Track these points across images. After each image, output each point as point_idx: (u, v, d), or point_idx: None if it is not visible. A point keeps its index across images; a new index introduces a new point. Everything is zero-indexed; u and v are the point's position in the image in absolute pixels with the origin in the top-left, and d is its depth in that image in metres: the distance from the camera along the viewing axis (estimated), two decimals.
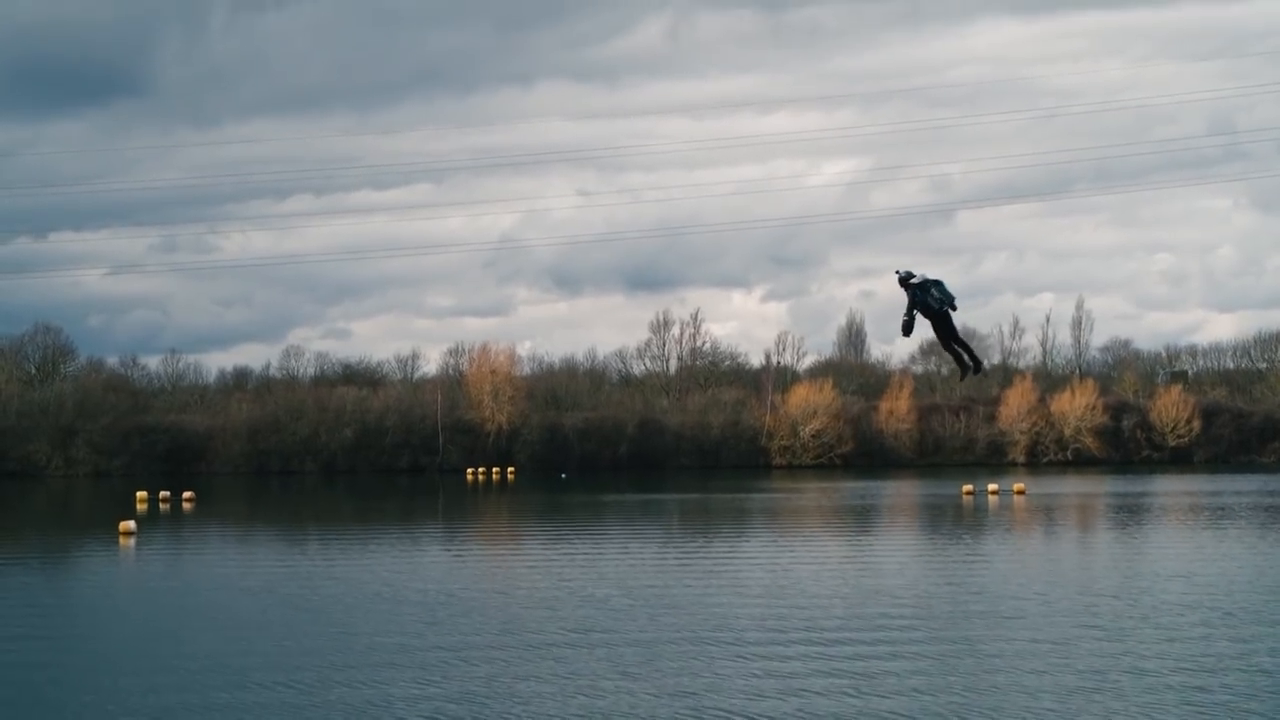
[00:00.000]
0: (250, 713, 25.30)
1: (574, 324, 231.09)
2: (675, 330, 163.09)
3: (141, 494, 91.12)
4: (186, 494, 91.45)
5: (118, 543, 61.33)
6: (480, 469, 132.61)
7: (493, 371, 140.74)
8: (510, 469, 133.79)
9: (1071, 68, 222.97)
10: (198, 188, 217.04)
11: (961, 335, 17.81)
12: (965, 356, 17.58)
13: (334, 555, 56.75)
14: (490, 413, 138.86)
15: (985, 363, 18.87)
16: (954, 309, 16.80)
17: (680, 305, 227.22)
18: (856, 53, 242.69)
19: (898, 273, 16.58)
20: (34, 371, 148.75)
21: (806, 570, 47.57)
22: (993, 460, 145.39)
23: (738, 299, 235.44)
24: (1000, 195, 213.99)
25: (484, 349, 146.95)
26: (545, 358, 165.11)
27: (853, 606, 37.73)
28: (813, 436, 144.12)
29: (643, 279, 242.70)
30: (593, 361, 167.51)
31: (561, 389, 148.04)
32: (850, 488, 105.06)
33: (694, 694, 26.23)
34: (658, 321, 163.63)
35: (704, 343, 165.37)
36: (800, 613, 36.61)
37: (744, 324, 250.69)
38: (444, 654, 30.81)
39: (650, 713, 24.73)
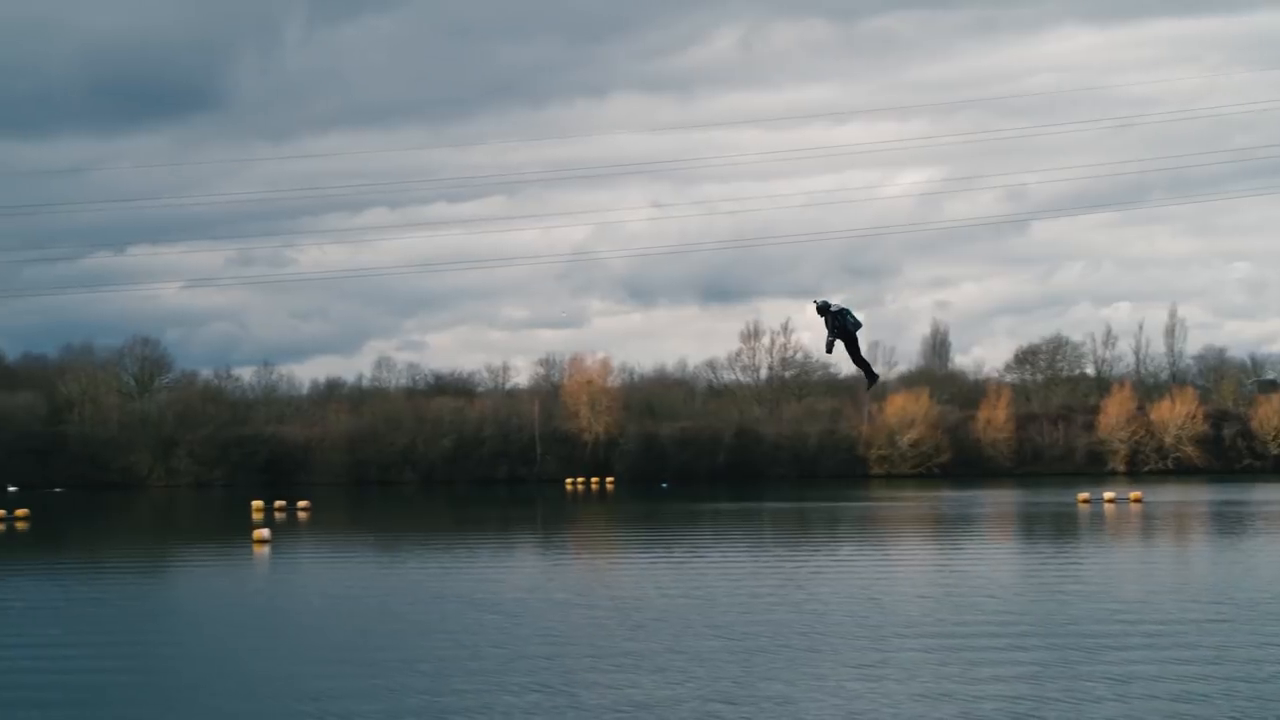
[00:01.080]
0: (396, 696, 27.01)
1: (648, 335, 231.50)
2: (765, 340, 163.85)
3: (257, 503, 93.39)
4: (302, 503, 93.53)
5: (252, 550, 63.25)
6: (579, 479, 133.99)
7: (589, 382, 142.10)
8: (609, 479, 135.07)
9: (1146, 76, 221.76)
10: (273, 202, 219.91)
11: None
12: (868, 370, 20.76)
13: (459, 562, 58.45)
14: (587, 423, 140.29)
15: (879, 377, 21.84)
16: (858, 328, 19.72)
17: (754, 315, 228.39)
18: (930, 62, 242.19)
19: (815, 302, 19.67)
20: (133, 383, 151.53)
21: (955, 575, 48.60)
22: (1092, 469, 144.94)
23: (811, 309, 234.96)
24: (1075, 205, 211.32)
25: (578, 360, 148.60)
26: (636, 368, 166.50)
27: (1012, 611, 38.65)
28: (911, 446, 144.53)
29: (716, 290, 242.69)
30: (683, 371, 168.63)
31: (655, 399, 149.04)
32: (960, 496, 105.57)
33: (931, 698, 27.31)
34: (748, 331, 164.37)
35: (794, 352, 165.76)
36: (964, 616, 37.68)
37: (817, 334, 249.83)
38: (587, 660, 32.09)
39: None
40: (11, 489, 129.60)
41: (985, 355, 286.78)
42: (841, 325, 19.56)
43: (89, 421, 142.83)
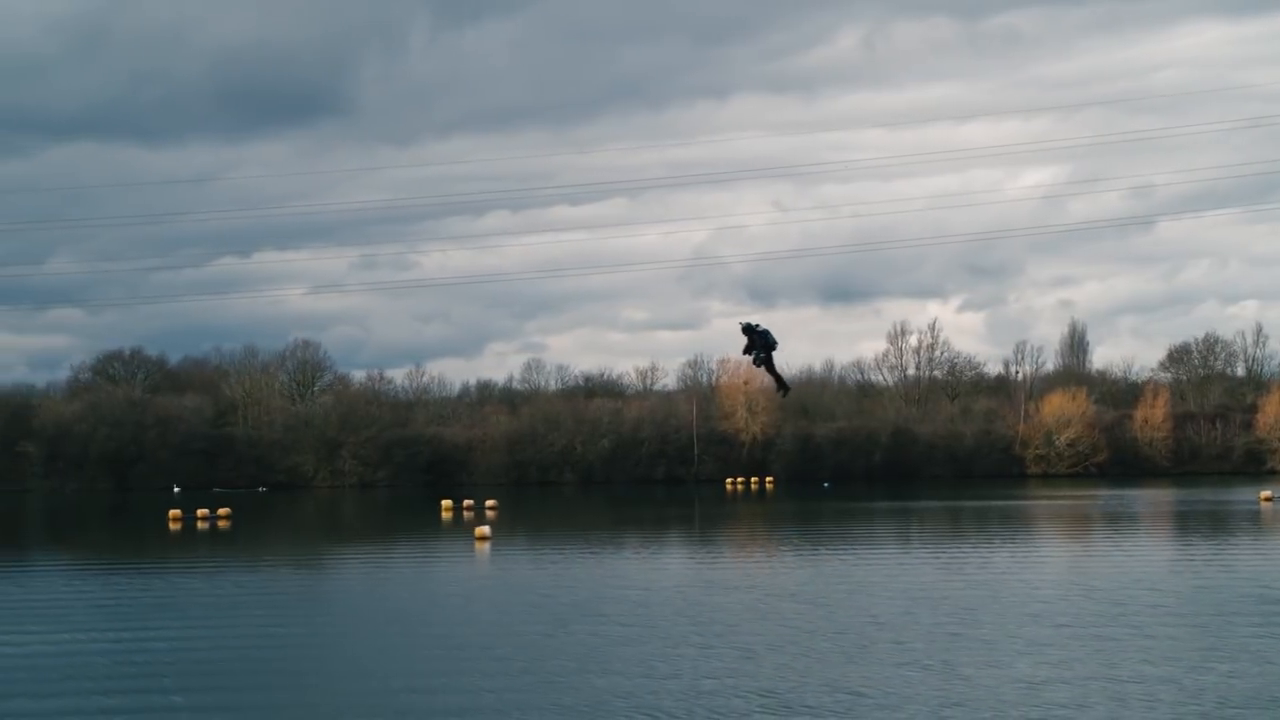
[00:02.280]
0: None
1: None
2: (913, 339, 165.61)
3: (446, 503, 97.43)
4: (490, 502, 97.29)
5: (474, 547, 66.76)
6: (738, 479, 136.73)
7: (745, 383, 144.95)
8: (769, 479, 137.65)
9: (1277, 72, 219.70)
10: (397, 206, 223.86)
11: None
12: (780, 381, 24.42)
13: (651, 557, 61.96)
14: (744, 423, 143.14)
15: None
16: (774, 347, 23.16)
17: (875, 316, 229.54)
18: (1055, 60, 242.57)
19: (741, 323, 23.05)
20: (294, 386, 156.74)
21: (1142, 572, 50.28)
22: (1250, 468, 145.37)
23: (933, 309, 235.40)
24: (1202, 203, 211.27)
25: (735, 360, 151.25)
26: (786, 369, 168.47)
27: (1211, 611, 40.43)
28: (1068, 445, 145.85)
29: (838, 290, 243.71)
30: (830, 372, 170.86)
31: (809, 400, 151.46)
32: (1126, 495, 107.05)
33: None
34: (895, 331, 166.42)
35: (941, 352, 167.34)
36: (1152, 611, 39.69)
37: (963, 335, 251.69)
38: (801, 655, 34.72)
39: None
40: (176, 489, 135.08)
41: (1110, 354, 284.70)
42: (764, 342, 22.87)
43: (256, 424, 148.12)
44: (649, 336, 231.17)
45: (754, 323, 23.19)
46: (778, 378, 24.32)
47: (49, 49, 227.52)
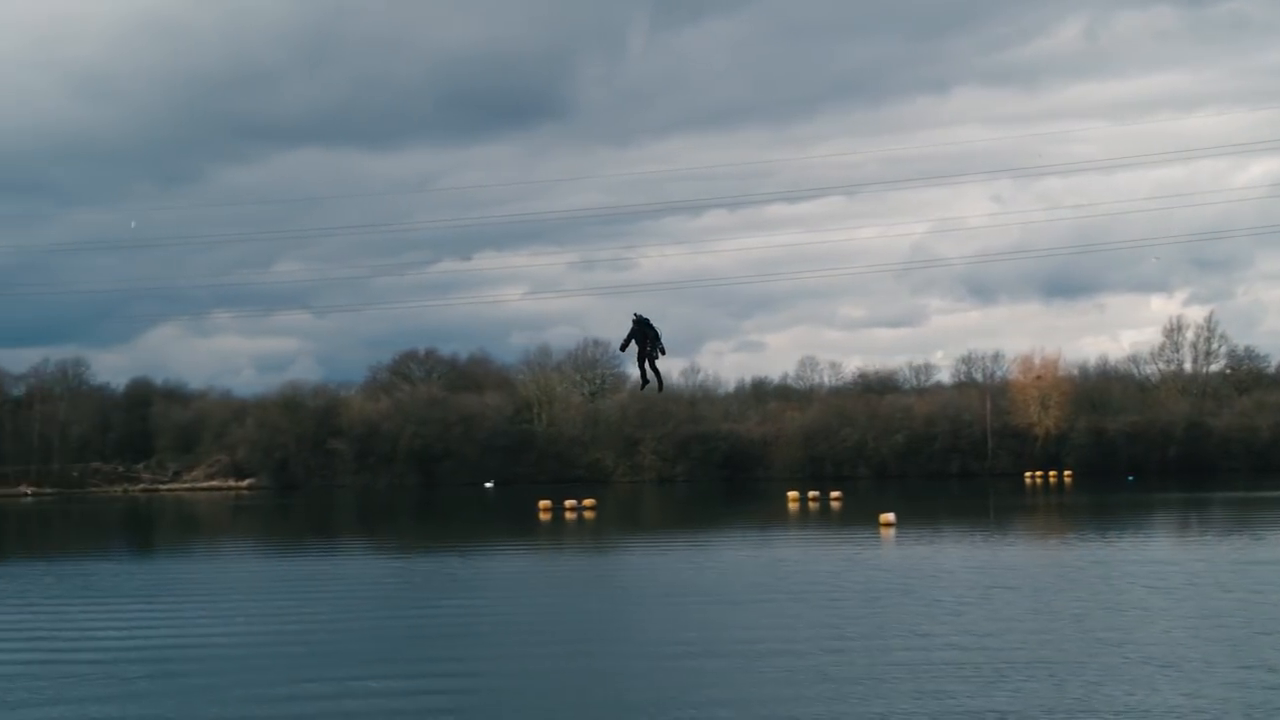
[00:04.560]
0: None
1: (987, 333, 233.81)
2: (1189, 334, 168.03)
3: (792, 494, 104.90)
4: (834, 494, 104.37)
5: (879, 533, 73.65)
6: (1036, 473, 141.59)
7: (1038, 378, 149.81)
8: (1067, 472, 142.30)
9: None
10: (615, 206, 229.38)
11: None
12: (655, 376, 23.95)
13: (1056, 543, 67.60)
14: (1037, 418, 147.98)
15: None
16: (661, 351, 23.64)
17: (1098, 311, 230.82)
18: None
19: (636, 314, 23.46)
20: (587, 383, 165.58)
21: None
22: None
23: (1156, 304, 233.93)
24: None
25: (1027, 357, 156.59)
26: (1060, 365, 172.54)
27: None
28: None
29: (1059, 285, 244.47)
30: (1104, 366, 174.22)
31: (1096, 394, 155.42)
32: None
33: None
34: (1171, 325, 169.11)
35: (1219, 345, 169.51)
36: None
37: (1163, 329, 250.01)
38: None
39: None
40: (488, 485, 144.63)
41: None
42: (655, 337, 23.33)
43: (556, 421, 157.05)
44: (866, 334, 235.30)
45: (647, 318, 23.55)
46: (644, 372, 23.80)
47: (277, 59, 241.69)
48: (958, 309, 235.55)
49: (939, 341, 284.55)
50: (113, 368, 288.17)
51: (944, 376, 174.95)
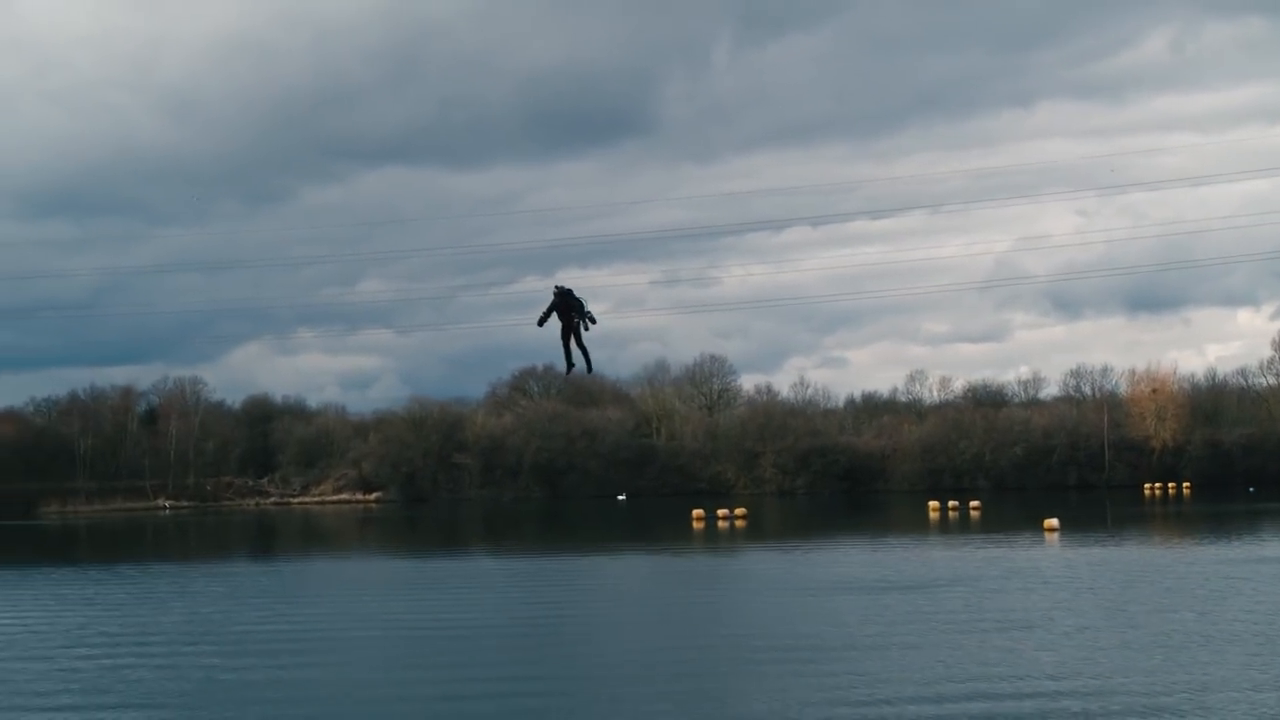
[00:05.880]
0: None
1: (1071, 348, 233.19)
2: None
3: (933, 503, 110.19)
4: (974, 503, 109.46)
5: (1044, 536, 78.93)
6: (1155, 485, 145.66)
7: (1154, 390, 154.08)
8: (1185, 484, 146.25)
9: None
10: (698, 222, 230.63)
11: None
12: (584, 356, 22.97)
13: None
14: (1154, 430, 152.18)
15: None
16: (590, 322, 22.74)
17: (1184, 325, 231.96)
18: None
19: (557, 286, 22.43)
20: (705, 398, 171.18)
21: None
22: None
23: (1244, 317, 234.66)
24: None
25: (1144, 370, 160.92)
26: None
27: None
28: None
29: (1144, 299, 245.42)
30: (1212, 380, 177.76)
31: (1209, 406, 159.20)
32: None
33: None
34: None
35: None
36: None
37: (1249, 343, 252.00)
38: None
39: None
40: (620, 497, 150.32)
41: None
42: (580, 308, 22.36)
43: (676, 434, 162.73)
44: (950, 350, 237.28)
45: (570, 289, 22.46)
46: (568, 353, 22.79)
47: (363, 79, 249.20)
48: (1042, 324, 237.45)
49: (1023, 356, 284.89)
50: None
51: (1052, 390, 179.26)
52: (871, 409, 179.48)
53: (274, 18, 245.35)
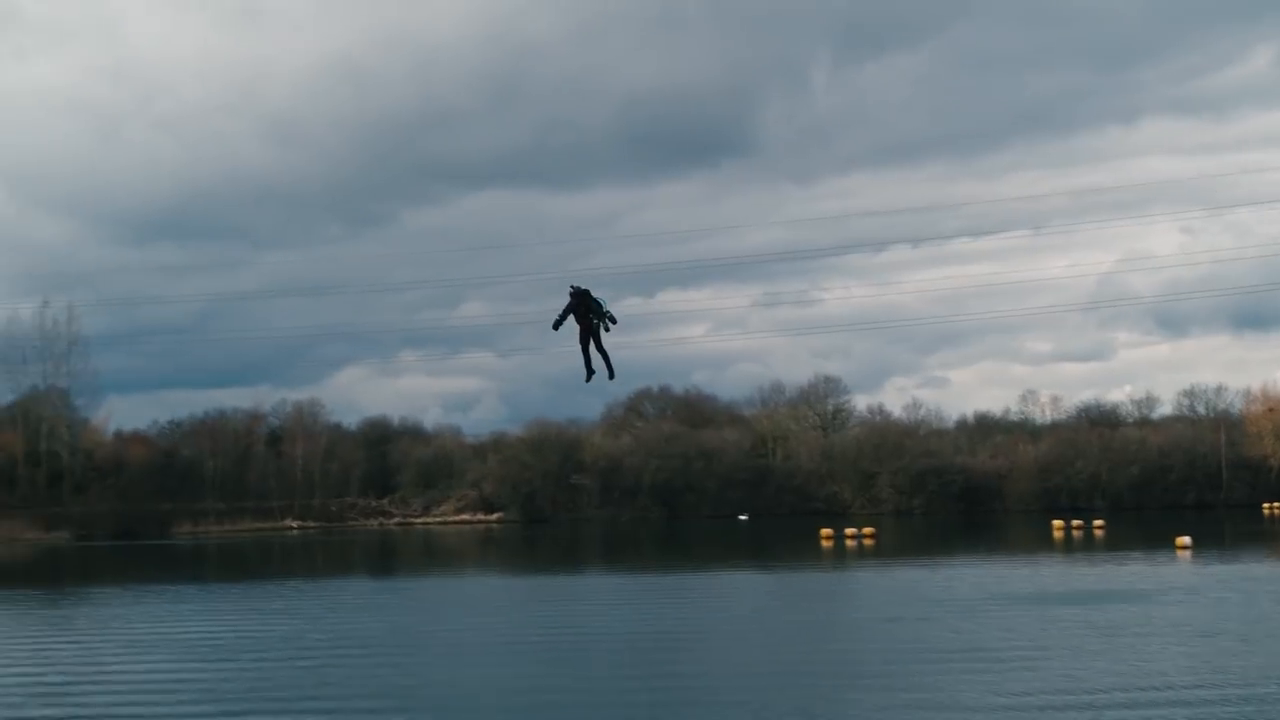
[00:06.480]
0: None
1: (1177, 367, 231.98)
2: None
3: (1057, 523, 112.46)
4: (1097, 522, 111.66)
5: (1175, 554, 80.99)
6: (1274, 504, 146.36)
7: (1270, 409, 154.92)
8: None
9: None
10: (798, 243, 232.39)
11: None
12: (604, 361, 21.71)
13: None
14: (1271, 449, 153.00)
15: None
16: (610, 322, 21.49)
17: None
18: None
19: (573, 286, 20.91)
20: (819, 419, 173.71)
21: None
22: None
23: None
24: None
25: (1260, 389, 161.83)
26: None
27: None
28: None
29: (1250, 317, 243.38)
30: None
31: None
32: None
33: None
34: None
35: None
36: None
37: None
38: None
39: None
40: (742, 517, 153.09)
41: None
42: (599, 309, 21.10)
43: (792, 455, 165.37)
44: (1053, 369, 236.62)
45: (589, 290, 21.10)
46: (587, 357, 21.55)
47: (465, 101, 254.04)
48: (1146, 342, 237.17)
49: (1127, 375, 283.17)
50: None
51: (1165, 409, 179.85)
52: (984, 429, 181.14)
53: (375, 42, 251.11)
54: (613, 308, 21.50)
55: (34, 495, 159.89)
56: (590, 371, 21.58)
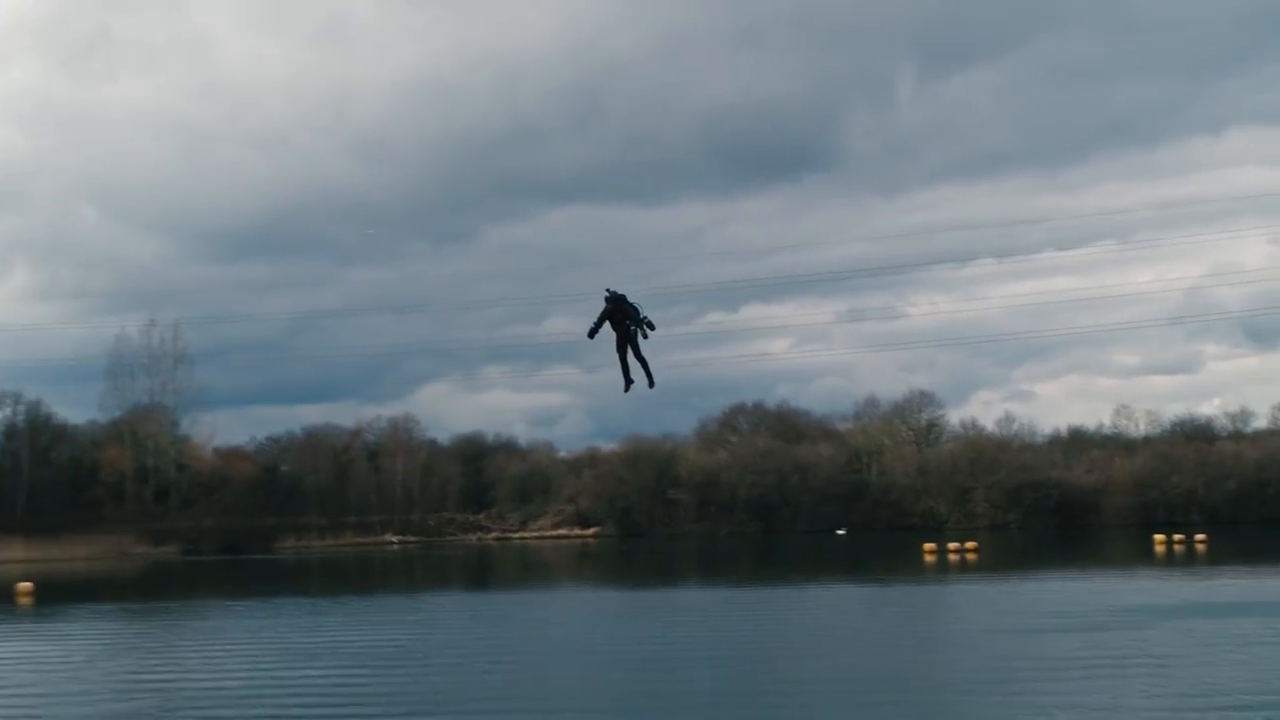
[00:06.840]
0: None
1: (1267, 379, 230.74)
2: None
3: (1159, 537, 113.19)
4: (1199, 537, 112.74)
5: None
6: None
7: None
8: None
9: None
10: (883, 256, 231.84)
11: None
12: (644, 368, 21.43)
13: None
14: None
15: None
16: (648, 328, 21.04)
17: None
18: None
19: (607, 290, 20.45)
20: (913, 433, 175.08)
21: None
22: None
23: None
24: None
25: None
26: None
27: None
28: None
29: None
30: None
31: None
32: None
33: None
34: None
35: None
36: None
37: None
38: None
39: None
40: (840, 532, 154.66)
41: None
42: (635, 315, 20.71)
43: (887, 469, 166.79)
44: (1141, 382, 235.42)
45: (624, 294, 20.56)
46: (628, 366, 21.23)
47: (548, 117, 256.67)
48: (1235, 355, 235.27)
49: (1216, 389, 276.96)
50: None
51: (1260, 423, 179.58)
52: (1077, 443, 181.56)
53: (459, 59, 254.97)
54: (649, 313, 20.99)
55: (141, 510, 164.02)
56: (629, 380, 21.15)
